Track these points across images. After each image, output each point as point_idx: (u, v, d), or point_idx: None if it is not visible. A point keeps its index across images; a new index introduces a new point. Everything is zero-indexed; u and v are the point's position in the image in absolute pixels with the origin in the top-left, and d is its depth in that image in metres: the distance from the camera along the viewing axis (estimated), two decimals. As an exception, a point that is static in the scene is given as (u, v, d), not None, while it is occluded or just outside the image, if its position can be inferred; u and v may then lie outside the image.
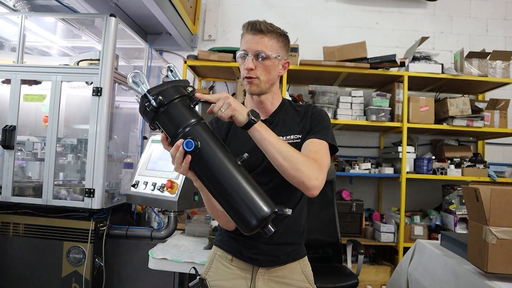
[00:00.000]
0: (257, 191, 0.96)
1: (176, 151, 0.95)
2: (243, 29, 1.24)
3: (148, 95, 0.95)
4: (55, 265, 2.20)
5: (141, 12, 3.16)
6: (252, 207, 0.93)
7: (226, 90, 3.93)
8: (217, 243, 1.36)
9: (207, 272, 1.32)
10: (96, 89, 2.23)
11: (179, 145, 0.94)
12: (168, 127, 0.97)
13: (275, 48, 1.23)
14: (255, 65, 1.21)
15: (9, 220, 2.26)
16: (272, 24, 1.24)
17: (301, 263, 1.31)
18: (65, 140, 2.52)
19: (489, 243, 1.40)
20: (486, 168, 3.41)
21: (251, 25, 1.21)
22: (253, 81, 1.23)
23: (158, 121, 0.97)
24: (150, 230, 2.29)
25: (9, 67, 2.39)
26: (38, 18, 2.55)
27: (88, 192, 2.19)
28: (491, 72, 3.38)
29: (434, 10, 3.98)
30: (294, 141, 1.25)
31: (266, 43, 1.21)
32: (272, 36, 1.22)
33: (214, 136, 0.98)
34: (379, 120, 3.32)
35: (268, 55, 1.21)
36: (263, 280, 1.25)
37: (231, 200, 0.94)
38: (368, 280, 3.32)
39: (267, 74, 1.23)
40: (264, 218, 0.93)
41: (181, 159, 0.95)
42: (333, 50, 3.33)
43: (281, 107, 1.33)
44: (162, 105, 0.95)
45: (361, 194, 3.80)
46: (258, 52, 1.20)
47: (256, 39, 1.21)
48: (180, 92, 0.98)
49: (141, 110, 0.98)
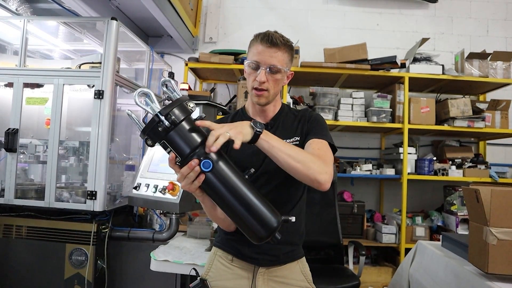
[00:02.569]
0: (265, 204, 1.02)
1: (189, 171, 0.96)
2: (256, 39, 1.23)
3: (160, 115, 0.95)
4: (58, 267, 2.22)
5: (142, 15, 3.18)
6: (262, 220, 1.00)
7: (227, 92, 3.94)
8: (217, 243, 1.37)
9: (207, 273, 1.33)
10: (98, 92, 2.24)
11: (194, 165, 0.95)
12: (180, 147, 0.97)
13: (286, 61, 1.25)
14: (267, 78, 1.22)
15: (12, 223, 2.27)
16: (283, 36, 1.24)
17: (300, 264, 1.33)
18: (67, 142, 2.53)
19: (489, 244, 1.40)
20: (487, 169, 3.41)
21: (266, 36, 1.21)
22: (263, 94, 1.24)
23: (167, 141, 0.97)
24: (152, 232, 2.30)
25: (11, 71, 2.40)
26: (40, 21, 2.57)
27: (90, 194, 2.20)
28: (492, 72, 3.38)
29: (434, 11, 3.99)
30: (293, 143, 1.27)
31: (280, 57, 1.22)
32: (285, 50, 1.23)
33: (223, 155, 1.02)
34: (380, 121, 3.33)
35: (280, 69, 1.22)
36: (263, 280, 1.27)
37: (242, 215, 1.00)
38: (370, 282, 3.32)
39: (276, 86, 1.26)
40: (273, 230, 1.01)
41: (194, 178, 0.97)
42: (333, 52, 3.34)
43: (281, 112, 1.35)
44: (175, 124, 0.95)
45: (363, 195, 3.80)
46: (272, 66, 1.21)
47: (271, 52, 1.21)
48: (187, 111, 0.99)
49: (148, 130, 0.97)
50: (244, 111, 1.38)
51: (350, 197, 3.50)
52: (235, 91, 3.82)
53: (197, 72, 3.64)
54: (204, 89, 3.93)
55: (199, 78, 3.84)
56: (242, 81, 3.29)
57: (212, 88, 3.87)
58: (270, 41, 1.20)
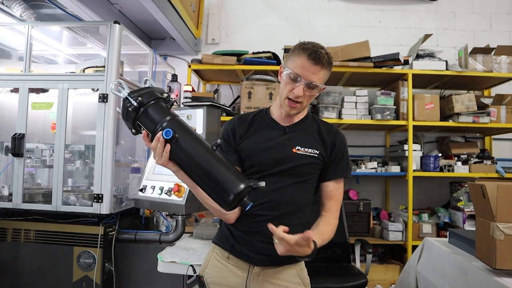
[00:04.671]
0: (231, 170, 1.07)
1: (157, 143, 1.05)
2: (302, 52, 1.22)
3: (129, 97, 1.08)
4: (66, 270, 2.23)
5: (145, 18, 3.19)
6: (228, 184, 1.04)
7: (230, 92, 3.94)
8: (215, 240, 1.39)
9: (204, 270, 1.35)
10: (102, 96, 2.26)
11: (159, 137, 1.05)
12: (148, 124, 1.09)
13: (324, 79, 1.27)
14: (304, 93, 1.24)
15: (20, 227, 2.30)
16: (329, 54, 1.25)
17: (297, 267, 1.33)
18: (73, 146, 2.55)
19: (497, 239, 1.40)
20: (493, 164, 3.39)
21: (314, 53, 1.21)
22: (296, 106, 1.27)
23: (140, 120, 1.10)
24: (159, 234, 2.31)
25: (17, 76, 2.42)
26: (44, 27, 2.59)
27: (96, 197, 2.21)
28: (496, 67, 3.36)
29: (437, 7, 3.97)
30: (311, 154, 1.29)
31: (321, 76, 1.24)
32: (327, 69, 1.25)
33: (188, 128, 1.10)
34: (384, 118, 3.32)
35: (317, 86, 1.24)
36: (258, 280, 1.27)
37: (209, 180, 1.05)
38: (377, 279, 3.31)
39: (309, 100, 1.29)
40: (240, 193, 1.03)
41: (162, 149, 1.06)
42: (336, 50, 3.34)
43: (305, 119, 1.38)
44: (142, 105, 1.07)
45: (368, 193, 3.79)
46: (312, 83, 1.22)
47: (314, 69, 1.22)
48: (155, 95, 1.11)
49: (123, 113, 1.10)
50: (268, 113, 1.39)
51: (356, 195, 3.50)
52: (238, 92, 3.83)
53: (200, 73, 3.65)
54: (208, 90, 3.94)
55: (202, 80, 3.85)
56: (246, 81, 3.30)
57: (216, 89, 3.88)
58: (317, 59, 1.21)
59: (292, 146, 1.28)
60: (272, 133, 1.31)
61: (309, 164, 1.29)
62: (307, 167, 1.29)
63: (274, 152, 1.23)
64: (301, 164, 1.27)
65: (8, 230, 2.30)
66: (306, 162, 1.28)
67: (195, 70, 3.47)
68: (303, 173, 1.29)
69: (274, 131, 1.33)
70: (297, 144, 1.29)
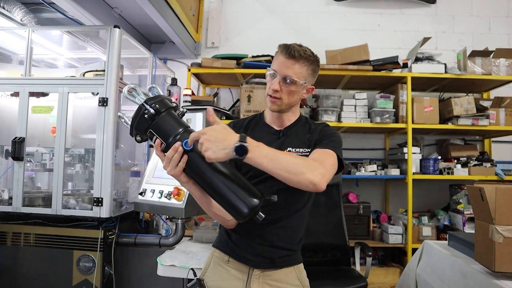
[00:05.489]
0: (246, 183, 1.07)
1: (173, 153, 1.03)
2: (279, 49, 1.27)
3: (146, 104, 1.06)
4: (66, 274, 2.23)
5: (145, 22, 3.20)
6: (243, 198, 1.04)
7: (230, 96, 3.96)
8: (215, 244, 1.39)
9: (204, 273, 1.35)
10: (102, 100, 2.26)
11: (178, 147, 1.02)
12: (164, 133, 1.06)
13: (304, 75, 1.26)
14: (280, 88, 1.25)
15: (20, 231, 2.30)
16: (306, 50, 1.26)
17: (296, 270, 1.33)
18: (73, 150, 2.56)
19: (496, 242, 1.40)
20: (493, 167, 3.39)
21: (286, 48, 1.24)
22: (275, 101, 1.28)
23: (153, 128, 1.07)
24: (158, 237, 2.31)
25: (17, 80, 2.44)
26: (45, 31, 2.61)
27: (96, 201, 2.21)
28: (495, 70, 3.37)
29: (435, 10, 3.99)
30: (303, 154, 1.28)
31: (296, 70, 1.24)
32: (303, 63, 1.25)
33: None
34: (384, 121, 3.32)
35: (295, 81, 1.24)
36: (258, 283, 1.27)
37: (225, 194, 1.05)
38: (378, 283, 3.30)
39: (290, 97, 1.28)
40: (255, 207, 1.04)
41: (178, 159, 1.03)
42: (335, 54, 3.35)
43: (297, 122, 1.38)
44: (158, 112, 1.06)
45: (368, 196, 3.79)
46: (286, 76, 1.24)
47: (288, 63, 1.24)
48: (170, 104, 1.10)
49: (136, 119, 1.07)
50: (262, 116, 1.41)
51: (356, 198, 3.50)
52: (238, 95, 3.84)
53: (200, 77, 3.66)
54: (207, 94, 3.94)
55: (202, 83, 3.86)
56: (245, 85, 3.31)
57: (215, 93, 3.89)
58: (288, 53, 1.23)
59: (284, 148, 1.29)
60: (267, 138, 1.30)
61: None
62: None
63: None
64: None
65: (8, 234, 2.30)
66: None
67: (195, 73, 3.48)
68: None
69: (269, 136, 1.33)
70: (288, 145, 1.30)
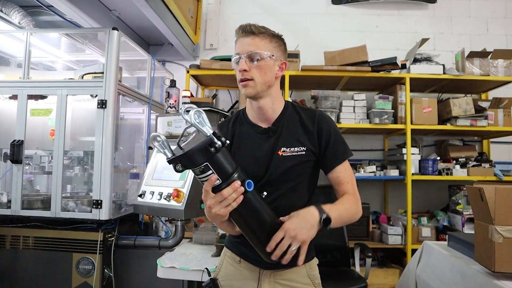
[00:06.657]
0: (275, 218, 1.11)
1: (232, 191, 0.99)
2: (236, 35, 1.25)
3: (214, 136, 0.96)
4: (65, 276, 2.22)
5: (143, 24, 3.21)
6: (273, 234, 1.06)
7: (229, 97, 3.96)
8: (227, 244, 1.40)
9: (218, 272, 1.36)
10: (101, 102, 2.26)
11: (237, 186, 0.99)
12: (224, 168, 0.99)
13: (268, 48, 1.23)
14: (249, 67, 1.20)
15: (19, 234, 2.29)
16: (264, 26, 1.25)
17: (307, 267, 1.32)
18: (72, 152, 2.55)
19: (495, 242, 1.40)
20: (492, 167, 3.40)
21: (242, 28, 1.23)
22: (248, 83, 1.21)
23: (212, 162, 0.97)
24: (158, 239, 2.31)
25: (15, 83, 2.43)
26: (43, 34, 2.60)
27: (95, 203, 2.21)
28: (493, 71, 3.38)
29: (433, 11, 4.00)
30: (298, 153, 1.24)
31: (258, 43, 1.21)
32: (264, 36, 1.23)
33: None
34: (383, 122, 3.33)
35: (261, 55, 1.20)
36: (269, 282, 1.27)
37: (260, 232, 1.08)
38: (377, 283, 3.30)
39: (262, 75, 1.21)
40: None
41: (234, 199, 1.00)
42: (334, 55, 3.35)
43: (284, 113, 1.30)
44: (223, 146, 0.98)
45: (367, 197, 3.79)
46: (250, 52, 1.20)
47: (248, 40, 1.22)
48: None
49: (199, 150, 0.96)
50: (245, 115, 1.35)
51: (355, 199, 3.49)
52: (237, 97, 3.84)
53: (198, 79, 3.66)
54: (206, 95, 3.95)
55: (201, 85, 3.86)
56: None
57: (214, 95, 3.89)
58: (246, 30, 1.22)
59: (277, 149, 1.24)
60: (256, 140, 1.27)
61: (298, 165, 1.24)
62: (296, 168, 1.24)
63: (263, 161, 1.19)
64: (290, 167, 1.23)
65: (7, 237, 2.30)
66: (294, 163, 1.24)
67: (194, 75, 3.48)
68: (294, 175, 1.25)
69: (257, 137, 1.28)
70: (281, 145, 1.24)
